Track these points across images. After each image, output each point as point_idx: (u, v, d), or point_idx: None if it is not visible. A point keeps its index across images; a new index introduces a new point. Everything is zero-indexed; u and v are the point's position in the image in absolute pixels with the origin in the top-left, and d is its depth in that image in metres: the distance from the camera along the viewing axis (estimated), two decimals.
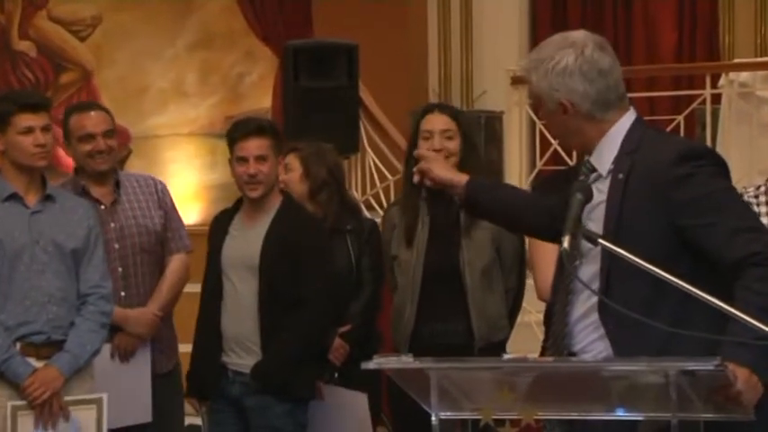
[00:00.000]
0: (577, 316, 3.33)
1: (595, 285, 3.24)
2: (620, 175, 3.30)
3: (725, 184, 3.31)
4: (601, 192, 3.32)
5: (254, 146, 4.92)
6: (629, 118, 3.38)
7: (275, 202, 5.01)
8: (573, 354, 3.31)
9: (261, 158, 4.91)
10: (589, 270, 3.29)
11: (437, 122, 4.97)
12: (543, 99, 3.37)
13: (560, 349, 3.32)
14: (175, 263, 5.31)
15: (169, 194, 5.46)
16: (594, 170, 3.38)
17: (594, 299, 3.25)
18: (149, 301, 5.21)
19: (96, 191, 5.21)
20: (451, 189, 3.76)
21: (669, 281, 2.97)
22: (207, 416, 5.09)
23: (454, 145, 4.94)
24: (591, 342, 3.30)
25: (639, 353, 3.02)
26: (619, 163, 3.32)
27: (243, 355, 4.92)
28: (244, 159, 4.92)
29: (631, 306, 3.05)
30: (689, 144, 3.57)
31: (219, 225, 5.09)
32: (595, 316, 3.27)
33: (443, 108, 5.22)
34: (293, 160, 5.28)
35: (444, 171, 3.74)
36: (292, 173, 5.26)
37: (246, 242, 4.95)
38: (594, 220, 3.29)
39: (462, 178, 3.69)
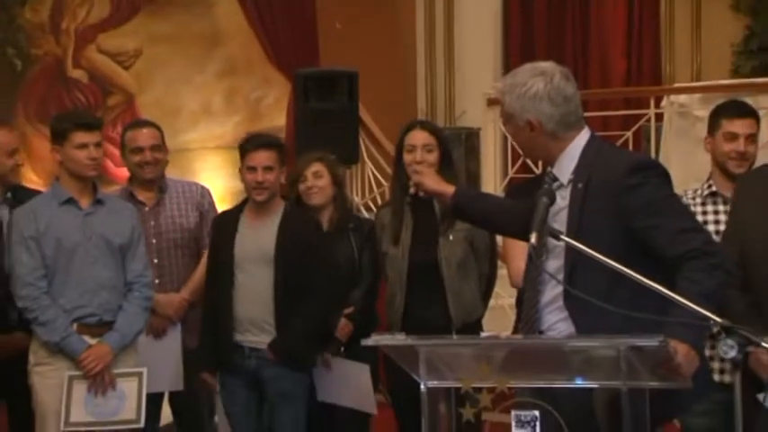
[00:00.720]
0: (545, 301, 3.35)
1: (560, 277, 3.26)
2: (580, 185, 3.31)
3: (669, 192, 3.34)
4: (563, 198, 3.33)
5: (262, 157, 4.90)
6: (584, 135, 3.39)
7: (278, 205, 5.00)
8: (541, 332, 3.33)
9: (268, 168, 4.89)
10: (555, 264, 3.31)
11: (419, 137, 4.92)
12: (514, 117, 3.38)
13: (531, 329, 3.34)
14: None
15: (209, 198, 5.47)
16: (556, 180, 3.38)
17: (560, 288, 3.26)
18: (182, 288, 5.22)
19: (142, 194, 5.27)
20: (441, 197, 3.80)
21: (623, 272, 2.99)
22: (220, 386, 5.06)
23: (433, 157, 4.89)
24: (556, 323, 3.32)
25: (600, 330, 3.04)
26: (578, 174, 3.33)
27: (258, 334, 4.90)
28: (253, 168, 4.91)
29: (590, 295, 3.07)
30: (638, 157, 3.58)
31: (227, 224, 5.03)
32: (560, 302, 3.29)
33: (424, 124, 5.14)
34: (321, 168, 5.21)
35: (434, 183, 3.78)
36: (323, 179, 5.20)
37: (259, 238, 4.92)
38: (558, 222, 3.29)
39: (450, 189, 3.72)
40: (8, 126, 5.32)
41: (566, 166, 3.37)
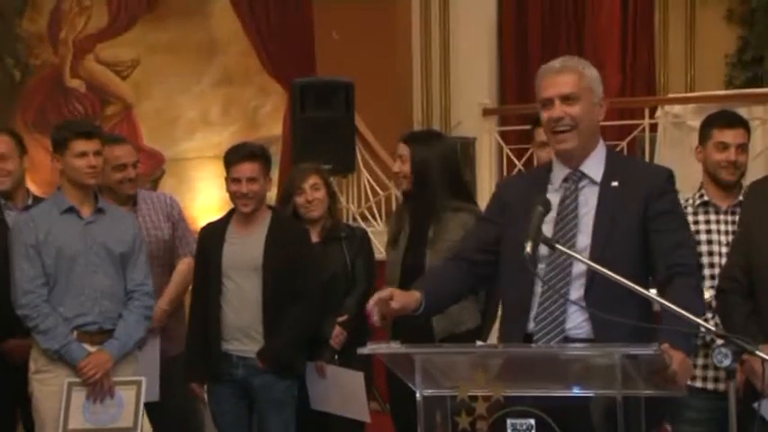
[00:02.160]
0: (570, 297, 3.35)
1: (583, 280, 3.31)
2: (614, 183, 3.38)
3: (683, 208, 3.57)
4: (588, 198, 3.37)
5: (246, 169, 4.88)
6: (603, 142, 3.49)
7: (265, 215, 5.00)
8: (567, 338, 3.32)
9: (252, 180, 4.89)
10: (580, 267, 3.32)
11: (401, 149, 4.97)
12: (593, 92, 3.41)
13: (557, 329, 3.34)
14: (182, 265, 5.31)
15: (177, 207, 5.46)
16: (583, 178, 3.42)
17: (583, 288, 3.30)
18: (159, 298, 5.18)
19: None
20: (412, 308, 3.46)
21: (622, 283, 3.04)
22: (208, 395, 5.03)
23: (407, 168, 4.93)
24: (581, 322, 3.33)
25: (615, 333, 3.10)
26: (609, 173, 3.40)
27: (247, 342, 4.89)
28: (237, 180, 4.90)
29: (609, 296, 3.18)
30: (665, 167, 3.66)
31: (214, 235, 5.01)
32: (584, 303, 3.31)
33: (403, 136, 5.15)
34: (318, 180, 5.20)
35: (397, 306, 3.42)
36: (321, 191, 5.18)
37: (247, 248, 4.92)
38: (585, 222, 3.36)
39: (412, 297, 3.47)
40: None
41: (596, 164, 3.42)
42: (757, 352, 2.87)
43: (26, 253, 4.60)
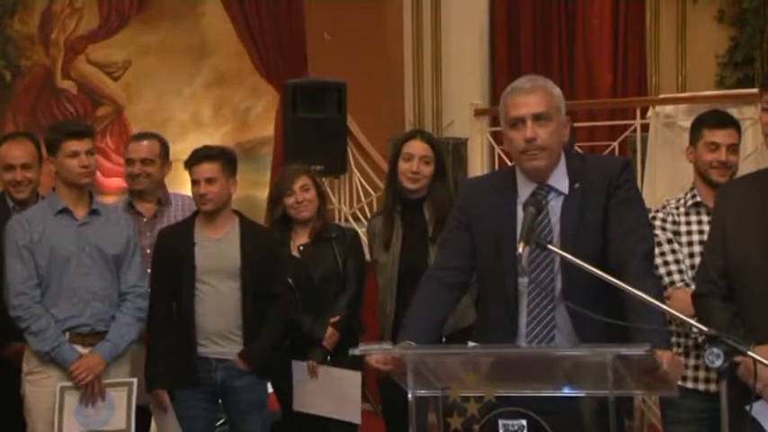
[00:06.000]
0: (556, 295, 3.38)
1: (559, 278, 3.34)
2: (577, 185, 3.39)
3: (640, 194, 3.57)
4: (555, 207, 3.37)
5: (204, 170, 4.87)
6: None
7: (232, 218, 4.99)
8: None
9: (209, 180, 4.87)
10: (557, 281, 3.36)
11: (418, 147, 4.90)
12: (560, 112, 3.41)
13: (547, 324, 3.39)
14: None
15: None
16: (551, 191, 3.42)
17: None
18: None
19: (141, 205, 5.36)
20: (399, 363, 3.19)
21: (599, 275, 3.05)
22: (176, 401, 4.92)
23: (429, 170, 4.89)
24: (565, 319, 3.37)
25: (591, 327, 3.16)
26: (573, 179, 3.41)
27: (225, 345, 4.87)
28: (196, 182, 4.89)
29: (585, 292, 3.21)
30: (620, 157, 3.70)
31: (181, 237, 4.95)
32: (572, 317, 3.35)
33: (424, 135, 5.09)
34: (308, 181, 5.20)
35: (380, 364, 3.25)
36: (310, 191, 5.19)
37: (222, 251, 4.89)
38: (556, 232, 3.36)
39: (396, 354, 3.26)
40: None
41: (561, 177, 3.43)
42: (749, 352, 2.86)
43: (19, 254, 4.60)
